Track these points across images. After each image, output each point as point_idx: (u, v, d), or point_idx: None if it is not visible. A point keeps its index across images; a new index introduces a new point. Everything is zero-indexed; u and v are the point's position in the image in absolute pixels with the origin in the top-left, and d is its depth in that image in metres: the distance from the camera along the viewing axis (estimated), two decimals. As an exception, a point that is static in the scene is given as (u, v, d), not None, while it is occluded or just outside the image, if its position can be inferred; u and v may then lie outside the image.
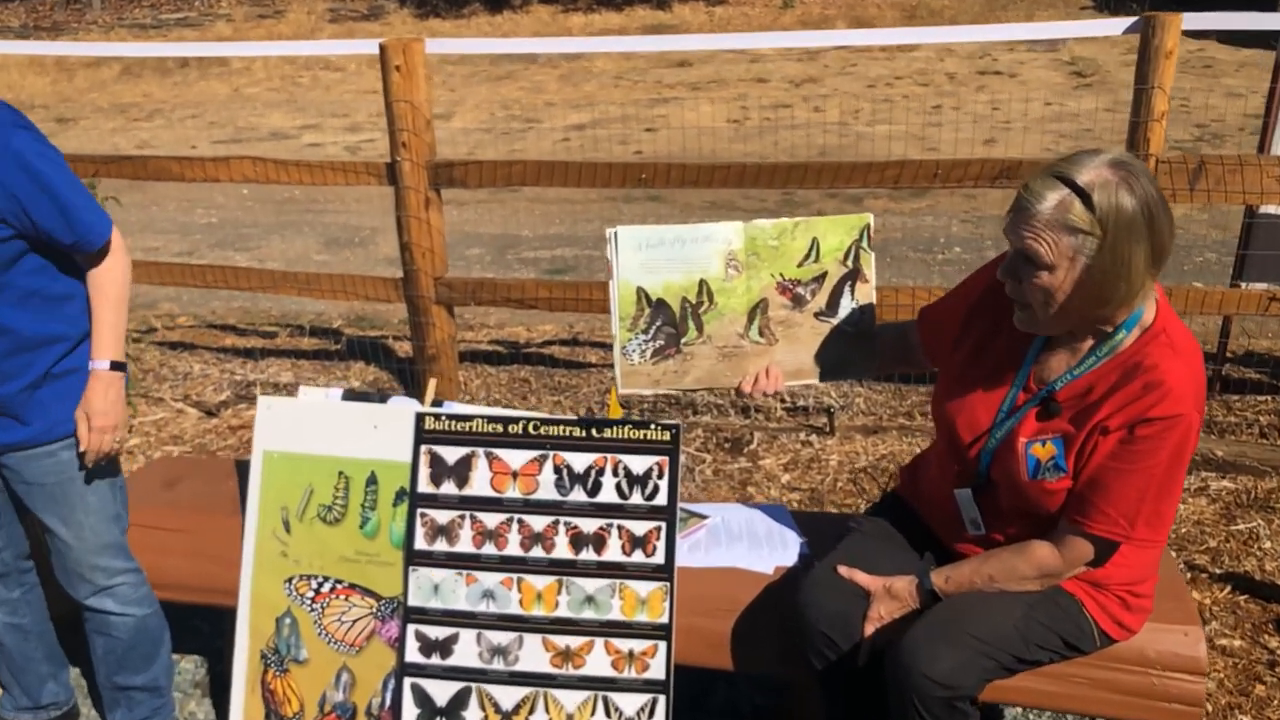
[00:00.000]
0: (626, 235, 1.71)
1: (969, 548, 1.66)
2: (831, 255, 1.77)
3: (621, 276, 1.72)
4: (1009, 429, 1.57)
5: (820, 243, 1.76)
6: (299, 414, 1.94)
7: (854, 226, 1.78)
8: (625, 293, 1.72)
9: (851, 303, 1.79)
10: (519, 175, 3.47)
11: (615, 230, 1.70)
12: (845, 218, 1.77)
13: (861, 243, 1.78)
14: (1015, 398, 1.58)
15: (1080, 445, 1.50)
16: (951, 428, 1.64)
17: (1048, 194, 1.40)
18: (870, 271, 1.79)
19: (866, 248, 1.78)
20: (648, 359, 1.74)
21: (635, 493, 1.82)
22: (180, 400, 3.95)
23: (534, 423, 1.85)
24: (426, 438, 1.88)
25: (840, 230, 1.77)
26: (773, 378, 1.74)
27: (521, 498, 1.85)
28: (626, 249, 1.71)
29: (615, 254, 1.71)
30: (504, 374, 4.05)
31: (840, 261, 1.78)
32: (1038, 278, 1.44)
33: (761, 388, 1.72)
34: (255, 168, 3.69)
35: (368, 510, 1.91)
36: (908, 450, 3.31)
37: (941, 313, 1.79)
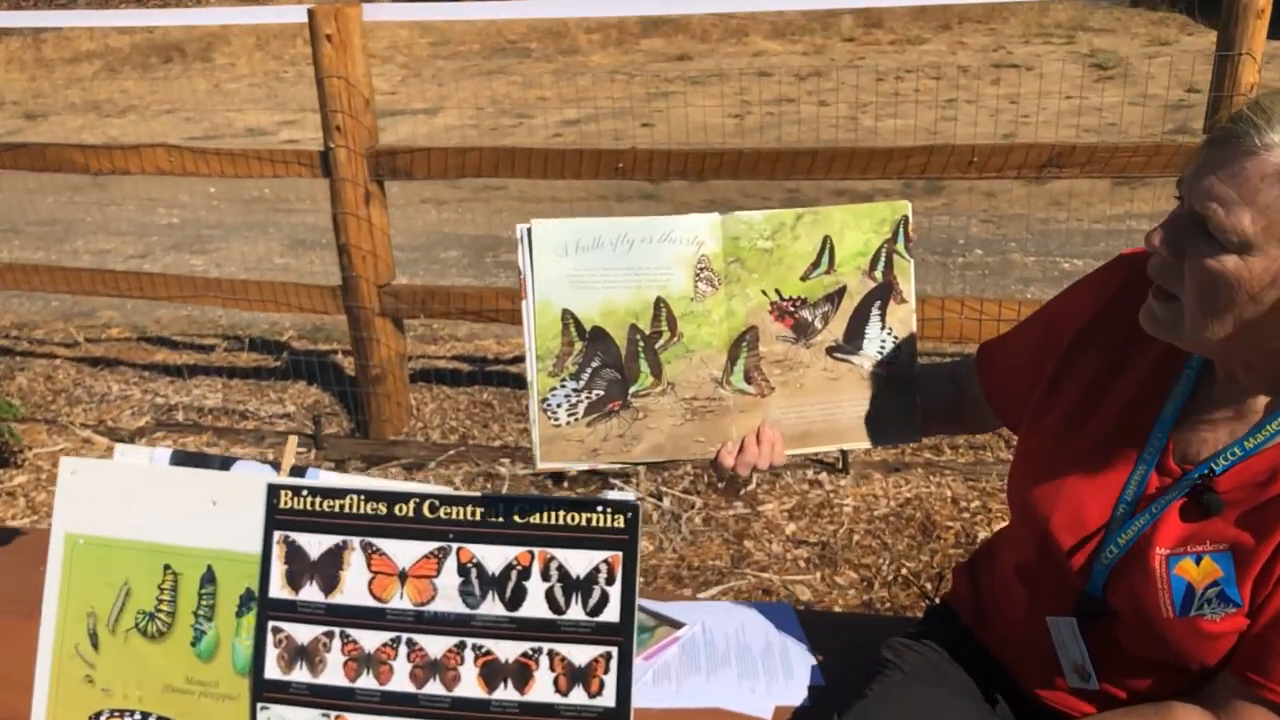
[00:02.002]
0: (547, 233, 1.15)
1: (1067, 701, 1.11)
2: (852, 263, 1.21)
3: (540, 294, 1.16)
4: (1138, 532, 1.01)
5: (835, 244, 1.21)
6: (113, 483, 1.40)
7: (884, 220, 1.21)
8: (546, 319, 1.17)
9: (881, 333, 1.23)
10: (474, 164, 2.92)
11: (528, 226, 1.15)
12: (871, 207, 1.21)
13: (896, 244, 1.22)
14: (1144, 482, 1.03)
15: (1262, 564, 0.94)
16: (1042, 524, 1.08)
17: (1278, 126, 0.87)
18: (909, 287, 1.23)
19: (903, 251, 1.22)
20: (580, 418, 1.18)
21: (575, 603, 1.27)
22: (90, 427, 3.41)
23: (430, 501, 1.31)
24: (281, 520, 1.34)
25: (864, 225, 1.21)
26: (767, 445, 1.17)
27: (413, 609, 1.30)
28: (546, 253, 1.16)
29: (529, 261, 1.16)
30: (464, 396, 3.51)
31: (864, 272, 1.22)
32: (1217, 260, 0.90)
33: (750, 460, 1.16)
34: (170, 157, 3.16)
35: (202, 621, 1.36)
36: (935, 494, 2.76)
37: (1017, 351, 1.24)
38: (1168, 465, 1.02)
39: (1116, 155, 2.58)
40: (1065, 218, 6.14)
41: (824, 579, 2.43)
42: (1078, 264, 5.40)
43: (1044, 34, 12.05)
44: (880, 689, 1.17)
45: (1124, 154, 2.57)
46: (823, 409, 1.22)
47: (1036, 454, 1.13)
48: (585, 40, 13.47)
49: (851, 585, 2.40)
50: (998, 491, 2.76)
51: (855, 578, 2.43)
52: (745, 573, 2.46)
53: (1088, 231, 5.85)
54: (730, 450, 1.16)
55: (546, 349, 1.16)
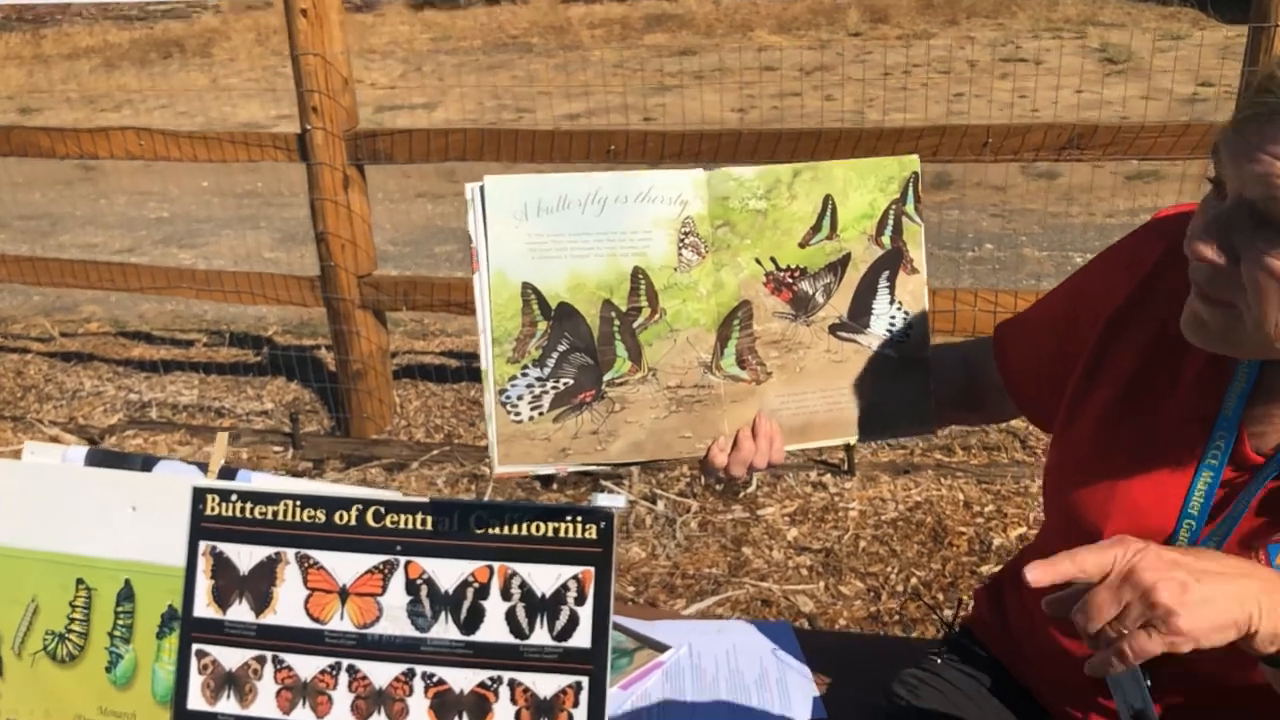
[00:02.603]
0: (502, 192, 0.98)
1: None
2: (856, 227, 1.04)
3: (494, 265, 1.00)
4: (1224, 538, 0.85)
5: (838, 205, 1.04)
6: (20, 486, 1.23)
7: (891, 177, 1.05)
8: (503, 296, 1.00)
9: (891, 308, 1.07)
10: (457, 147, 2.76)
11: (481, 184, 0.99)
12: (877, 162, 1.04)
13: (905, 205, 1.06)
14: (1216, 478, 0.87)
15: None
16: (1093, 534, 0.92)
17: None
18: (920, 255, 1.06)
19: (913, 214, 1.06)
20: (546, 412, 1.01)
21: (540, 626, 1.10)
22: (60, 425, 3.25)
23: (375, 508, 1.14)
24: (208, 530, 1.17)
25: (870, 183, 1.04)
26: (764, 440, 1.00)
27: (355, 631, 1.13)
28: (502, 217, 0.99)
29: (481, 226, 0.99)
30: (450, 393, 3.35)
31: (870, 237, 1.05)
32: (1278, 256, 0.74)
33: (745, 459, 0.99)
34: (141, 141, 3.00)
35: (118, 643, 1.20)
36: (947, 498, 2.59)
37: (1040, 335, 1.07)
38: (1244, 456, 0.86)
39: (1141, 136, 2.41)
40: (1078, 212, 5.97)
41: (828, 589, 2.26)
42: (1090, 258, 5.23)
43: (1053, 28, 11.87)
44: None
45: (1149, 134, 2.40)
46: (826, 397, 1.05)
47: (1079, 453, 0.96)
48: (588, 35, 13.31)
49: (858, 596, 2.24)
50: (1013, 495, 2.59)
51: (861, 588, 2.27)
52: (744, 582, 2.29)
53: (1101, 226, 5.68)
54: (722, 447, 0.99)
55: (504, 331, 0.99)
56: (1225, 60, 9.91)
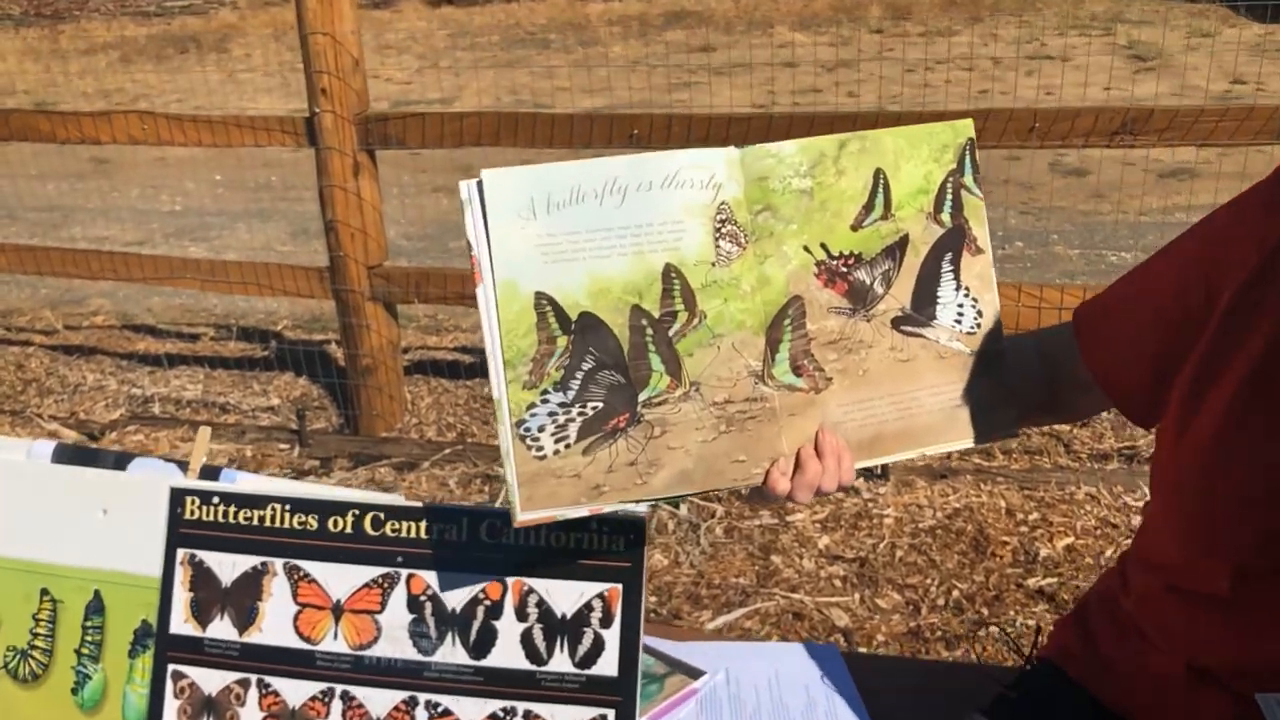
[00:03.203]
0: (503, 187, 0.84)
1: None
2: (913, 204, 0.90)
3: (502, 275, 0.86)
4: None
5: (890, 179, 0.90)
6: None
7: (945, 145, 0.91)
8: (513, 309, 0.85)
9: (958, 295, 0.93)
10: (473, 130, 2.63)
11: (478, 180, 0.85)
12: (928, 129, 0.91)
13: (963, 176, 0.92)
14: None
15: None
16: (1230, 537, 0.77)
17: None
18: (983, 232, 0.93)
19: (973, 186, 0.92)
20: (573, 445, 0.86)
21: (560, 650, 0.97)
22: (59, 420, 3.13)
23: (375, 514, 1.01)
24: (188, 535, 1.04)
25: (923, 153, 0.90)
26: (831, 457, 0.85)
27: (350, 653, 1.00)
28: (506, 217, 0.84)
29: (483, 229, 0.85)
30: (463, 390, 3.22)
31: (929, 215, 0.91)
32: None
33: (812, 481, 0.84)
34: (144, 124, 2.89)
35: (86, 661, 1.07)
36: (988, 505, 2.44)
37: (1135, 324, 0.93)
38: None
39: (1201, 119, 2.26)
40: (1109, 210, 5.81)
41: (863, 601, 2.12)
42: (1125, 257, 5.08)
43: (1079, 26, 11.69)
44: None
45: (1210, 118, 2.25)
46: (896, 402, 0.91)
47: (1207, 447, 0.81)
48: (606, 32, 13.20)
49: (895, 609, 2.10)
50: (1058, 503, 2.45)
51: (899, 600, 2.12)
52: (773, 593, 2.15)
53: (1134, 224, 5.51)
54: (783, 470, 0.85)
55: (517, 351, 0.85)
56: (1257, 59, 9.73)
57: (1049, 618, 2.05)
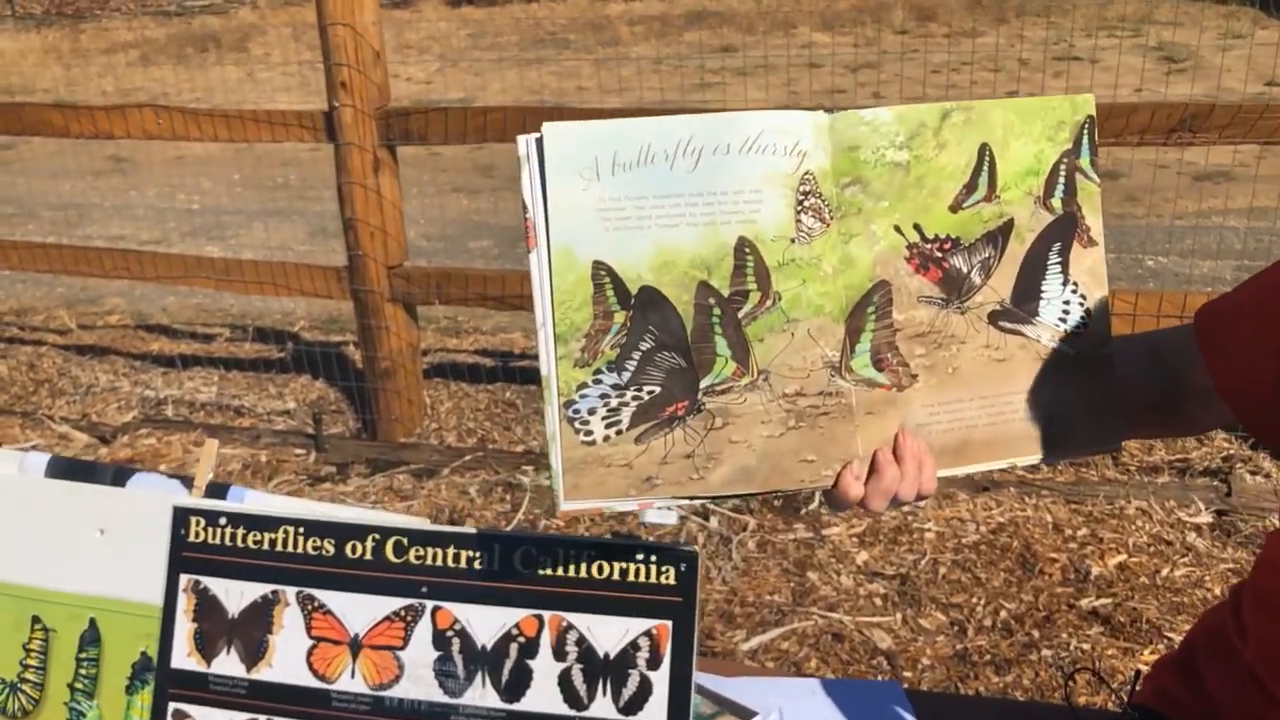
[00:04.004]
0: (566, 142, 0.75)
1: None
2: (1020, 185, 0.80)
3: (557, 240, 0.76)
4: None
5: (996, 157, 0.80)
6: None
7: (1061, 122, 0.81)
8: (568, 279, 0.76)
9: (1066, 291, 0.82)
10: (496, 126, 2.54)
11: (538, 135, 0.76)
12: (1043, 102, 0.80)
13: (1079, 158, 0.82)
14: None
15: None
16: None
17: None
18: (1098, 223, 0.83)
19: (1089, 170, 0.82)
20: (625, 431, 0.77)
21: (602, 693, 0.87)
22: (70, 422, 3.06)
23: (399, 539, 0.91)
24: (192, 560, 0.95)
25: (1035, 130, 0.80)
26: (912, 463, 0.76)
27: (370, 693, 0.91)
28: (566, 176, 0.76)
29: (538, 188, 0.76)
30: (484, 394, 3.13)
31: (1038, 199, 0.81)
32: None
33: (888, 488, 0.75)
34: (159, 119, 2.81)
35: (80, 697, 0.98)
36: (1034, 519, 2.33)
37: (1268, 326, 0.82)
38: None
39: (1266, 116, 2.14)
40: (1143, 214, 5.68)
41: (906, 621, 2.02)
42: (1163, 261, 4.96)
43: (1107, 27, 11.54)
44: None
45: (1276, 114, 2.13)
46: (987, 406, 0.81)
47: None
48: (627, 32, 13.12)
49: (940, 630, 1.99)
50: (1107, 518, 2.33)
51: (944, 620, 2.02)
52: (810, 611, 2.05)
53: (1170, 229, 5.38)
54: (857, 473, 0.75)
55: (570, 325, 0.76)
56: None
57: (1104, 641, 1.94)
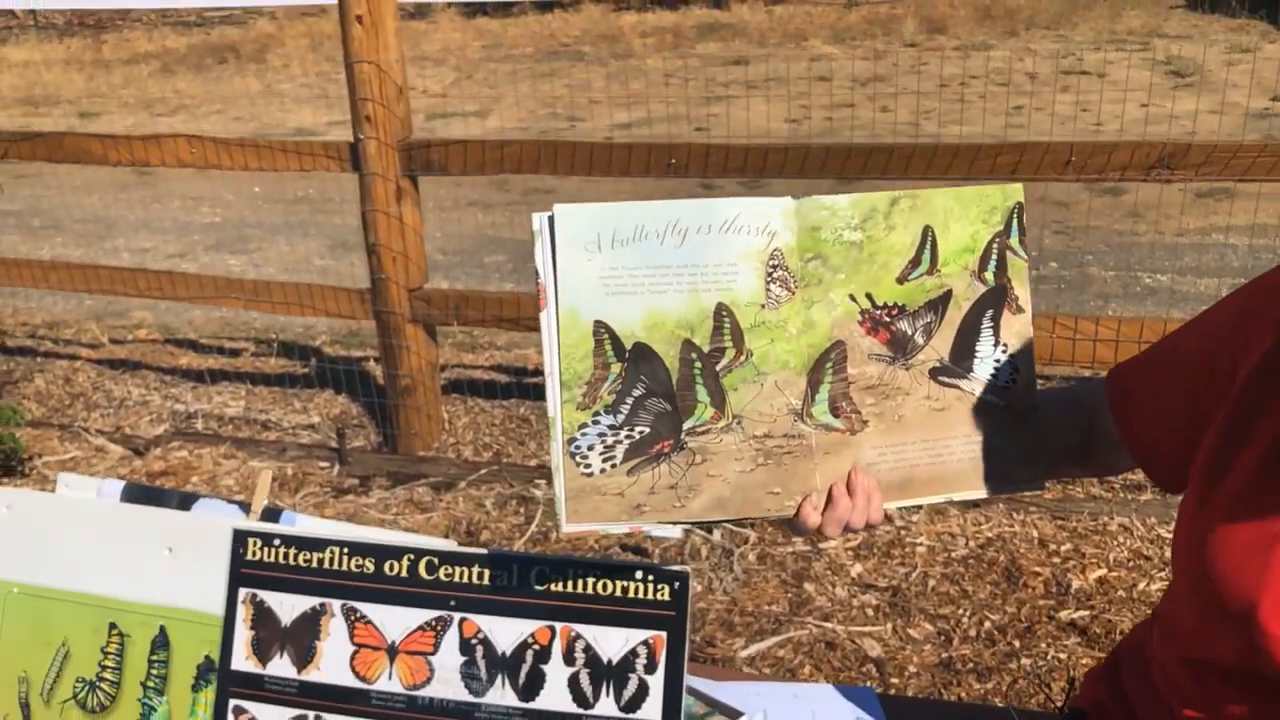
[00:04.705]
0: (573, 222, 0.89)
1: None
2: (958, 261, 0.95)
3: (565, 303, 0.90)
4: None
5: (938, 237, 0.94)
6: (54, 521, 1.16)
7: (994, 208, 0.95)
8: (573, 335, 0.90)
9: (995, 350, 0.96)
10: (513, 158, 2.68)
11: (550, 214, 0.89)
12: (979, 191, 0.94)
13: (1009, 238, 0.96)
14: None
15: None
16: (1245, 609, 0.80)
17: None
18: (1025, 293, 0.97)
19: (1018, 248, 0.96)
20: (619, 465, 0.91)
21: (605, 694, 1.00)
22: (106, 434, 3.21)
23: (429, 559, 1.05)
24: (249, 575, 1.09)
25: (971, 214, 0.95)
26: (862, 495, 0.90)
27: (404, 692, 1.04)
28: (573, 250, 0.90)
29: (550, 259, 0.90)
30: (499, 410, 3.26)
31: (973, 273, 0.95)
32: None
33: (841, 517, 0.89)
34: (192, 149, 2.96)
35: (151, 694, 1.12)
36: (1020, 534, 2.45)
37: (1167, 390, 0.96)
38: None
39: (1239, 155, 2.26)
40: (1145, 230, 5.78)
41: (895, 631, 2.14)
42: (1161, 279, 5.05)
43: (1116, 40, 11.62)
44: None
45: (1248, 154, 2.25)
46: (928, 448, 0.94)
47: (1223, 521, 0.84)
48: (640, 43, 13.26)
49: (928, 640, 2.11)
50: (1090, 533, 2.45)
51: (931, 630, 2.14)
52: (805, 621, 2.18)
53: (1171, 245, 5.49)
54: (815, 504, 0.89)
55: (574, 374, 0.90)
56: (1299, 75, 9.60)
57: (1080, 651, 2.06)
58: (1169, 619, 0.96)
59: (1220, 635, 0.85)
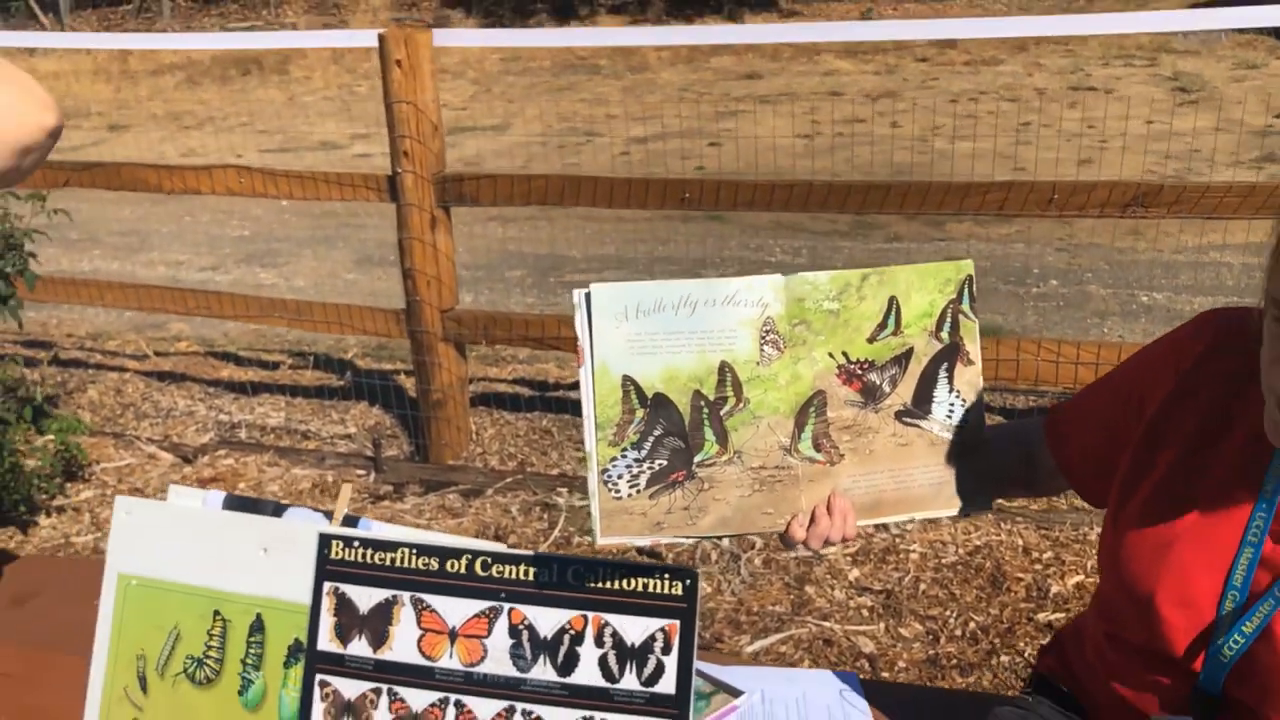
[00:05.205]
0: (606, 297, 1.11)
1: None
2: (918, 324, 1.16)
3: (599, 361, 1.12)
4: (1268, 615, 0.95)
5: (901, 305, 1.15)
6: (167, 525, 1.38)
7: (949, 280, 1.16)
8: (605, 386, 1.12)
9: (950, 396, 1.17)
10: (540, 192, 2.90)
11: (587, 291, 1.11)
12: (937, 266, 1.16)
13: (961, 304, 1.17)
14: (1257, 553, 0.97)
15: None
16: (1145, 600, 1.02)
17: None
18: (975, 348, 1.18)
19: (969, 312, 1.17)
20: (642, 490, 1.13)
21: (629, 672, 1.22)
22: (156, 442, 3.44)
23: (483, 559, 1.26)
24: (332, 571, 1.31)
25: (930, 285, 1.16)
26: (839, 516, 1.12)
27: (463, 669, 1.26)
28: (606, 319, 1.11)
29: (587, 326, 1.11)
30: (523, 422, 3.48)
31: (931, 333, 1.16)
32: None
33: (822, 533, 1.11)
34: (241, 179, 3.19)
35: (250, 670, 1.34)
36: (1006, 543, 2.66)
37: (1093, 423, 1.18)
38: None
39: (1207, 195, 2.46)
40: (1144, 248, 5.96)
41: (888, 630, 2.35)
42: (1157, 298, 5.23)
43: (1124, 56, 11.77)
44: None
45: (1215, 194, 2.45)
46: (894, 476, 1.16)
47: (1132, 529, 1.06)
48: (655, 57, 13.49)
49: (917, 638, 2.32)
50: (1071, 542, 2.65)
51: (921, 630, 2.35)
52: (805, 620, 2.39)
53: (1168, 263, 5.67)
54: (801, 523, 1.11)
55: (606, 417, 1.11)
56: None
57: (1056, 649, 2.26)
58: (1099, 604, 1.17)
59: (1131, 619, 1.06)
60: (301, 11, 18.99)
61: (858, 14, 15.06)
